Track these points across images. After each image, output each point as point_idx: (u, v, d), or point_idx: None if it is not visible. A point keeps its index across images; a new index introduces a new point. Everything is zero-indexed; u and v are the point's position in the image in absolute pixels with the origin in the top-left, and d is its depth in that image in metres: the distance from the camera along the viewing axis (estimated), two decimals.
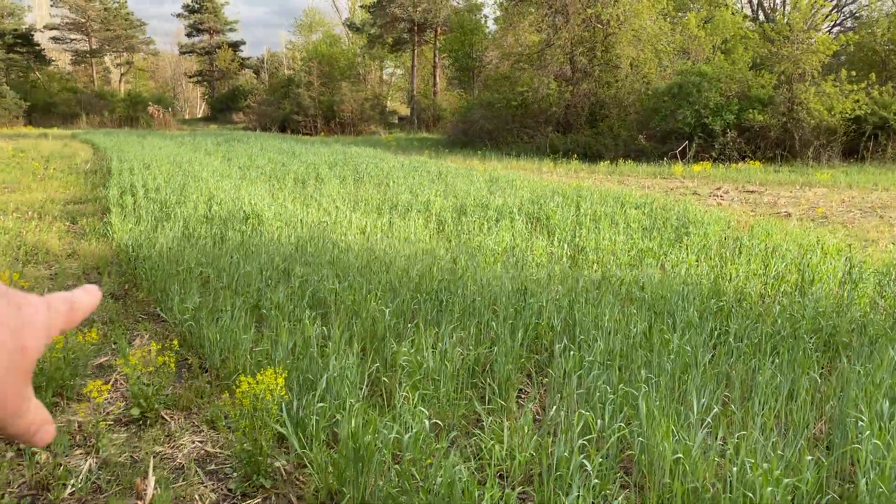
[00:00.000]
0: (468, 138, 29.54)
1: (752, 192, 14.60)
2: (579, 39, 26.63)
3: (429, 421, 3.29)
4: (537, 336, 4.75)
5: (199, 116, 69.40)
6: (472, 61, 39.21)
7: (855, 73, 21.05)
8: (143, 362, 3.74)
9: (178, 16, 66.37)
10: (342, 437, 3.01)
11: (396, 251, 6.82)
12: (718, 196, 13.88)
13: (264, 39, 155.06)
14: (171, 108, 57.86)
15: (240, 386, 3.11)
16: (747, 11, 35.93)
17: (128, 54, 64.94)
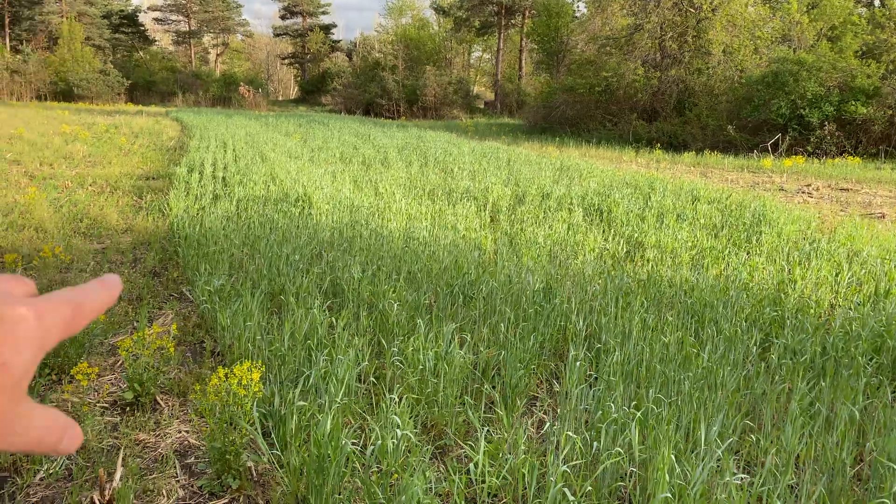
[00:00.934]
0: (548, 124, 28.98)
1: (845, 189, 13.46)
2: (670, 23, 25.46)
3: (414, 429, 3.06)
4: (564, 339, 4.42)
5: (291, 98, 71.17)
6: (558, 45, 38.27)
7: None
8: (141, 345, 3.66)
9: None
10: (312, 441, 2.82)
11: (436, 240, 6.58)
12: (807, 193, 12.87)
13: (358, 22, 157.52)
14: (262, 89, 59.52)
15: (212, 379, 2.96)
16: None
17: (224, 35, 67.22)
